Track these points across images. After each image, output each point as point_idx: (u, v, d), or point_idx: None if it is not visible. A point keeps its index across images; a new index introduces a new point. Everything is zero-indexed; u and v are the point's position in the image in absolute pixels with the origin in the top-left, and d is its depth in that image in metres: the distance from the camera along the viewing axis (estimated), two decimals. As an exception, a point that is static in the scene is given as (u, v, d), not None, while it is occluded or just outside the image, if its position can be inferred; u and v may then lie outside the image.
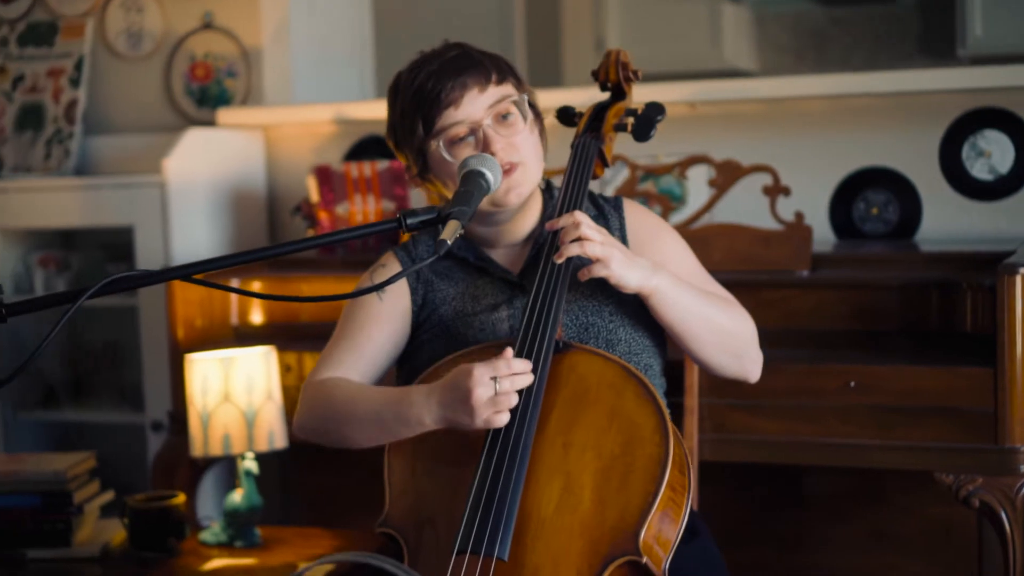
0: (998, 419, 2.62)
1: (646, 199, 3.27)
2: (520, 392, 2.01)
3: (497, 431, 2.01)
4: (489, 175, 2.09)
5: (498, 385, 1.98)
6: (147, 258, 3.72)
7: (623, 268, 2.10)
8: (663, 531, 2.02)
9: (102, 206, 3.87)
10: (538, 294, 2.12)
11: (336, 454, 2.34)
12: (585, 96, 2.87)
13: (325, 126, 4.00)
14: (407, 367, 2.30)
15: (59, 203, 3.93)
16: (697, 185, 3.41)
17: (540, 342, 2.07)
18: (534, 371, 2.04)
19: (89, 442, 4.12)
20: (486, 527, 1.95)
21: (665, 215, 3.18)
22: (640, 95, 2.49)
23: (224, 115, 4.01)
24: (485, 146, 2.17)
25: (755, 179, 3.13)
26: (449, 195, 2.22)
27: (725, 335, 2.23)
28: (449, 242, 1.91)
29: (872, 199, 3.42)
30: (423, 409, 2.04)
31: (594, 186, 3.48)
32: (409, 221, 1.95)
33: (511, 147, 2.18)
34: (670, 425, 2.04)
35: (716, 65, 6.00)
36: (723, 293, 2.33)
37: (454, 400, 2.00)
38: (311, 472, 3.71)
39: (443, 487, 2.08)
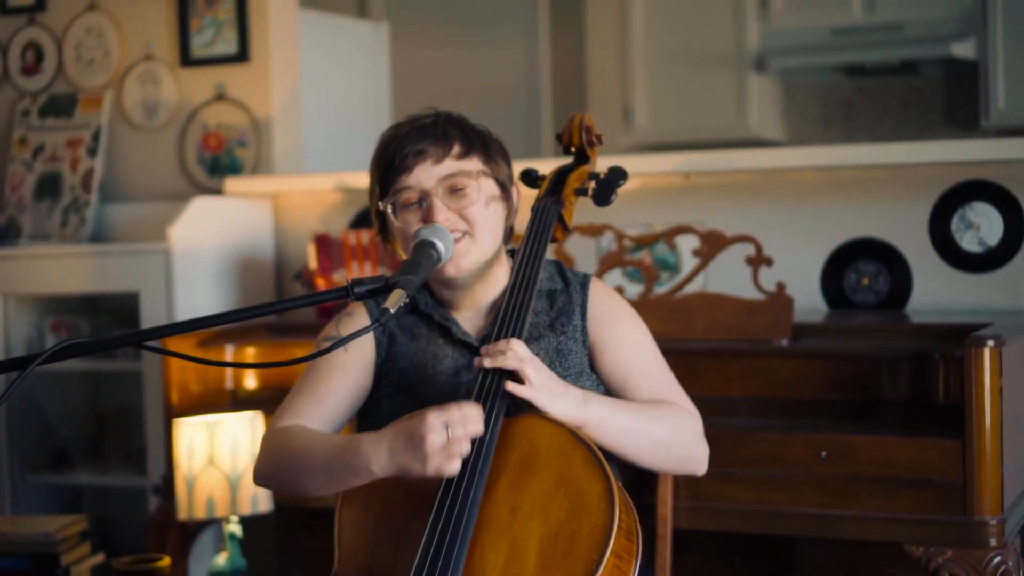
0: (967, 491, 2.61)
1: (638, 268, 3.30)
2: (472, 443, 2.03)
3: (445, 495, 2.03)
4: (440, 246, 2.14)
5: (450, 431, 2.00)
6: (152, 323, 3.80)
7: (551, 402, 2.10)
8: (608, 598, 2.03)
9: (110, 272, 3.96)
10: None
11: (331, 516, 2.36)
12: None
13: (330, 195, 4.08)
14: (366, 422, 2.33)
15: (70, 270, 4.02)
16: (691, 255, 3.44)
17: (491, 405, 2.09)
18: (484, 433, 2.06)
19: (95, 505, 4.18)
20: (430, 593, 1.97)
21: (651, 283, 3.20)
22: (634, 164, 2.49)
23: (231, 184, 4.10)
24: (428, 215, 2.21)
25: (748, 248, 3.15)
26: (404, 256, 2.26)
27: (665, 446, 2.24)
28: (392, 311, 1.96)
29: (863, 270, 3.44)
30: (371, 457, 2.06)
31: (586, 249, 3.53)
32: (356, 290, 2.00)
33: (458, 219, 2.22)
34: (617, 492, 2.05)
35: (742, 134, 6.03)
36: (672, 391, 2.32)
37: (406, 447, 2.01)
38: (306, 534, 3.75)
39: (391, 548, 2.10)
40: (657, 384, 2.32)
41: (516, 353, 2.09)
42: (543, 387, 2.10)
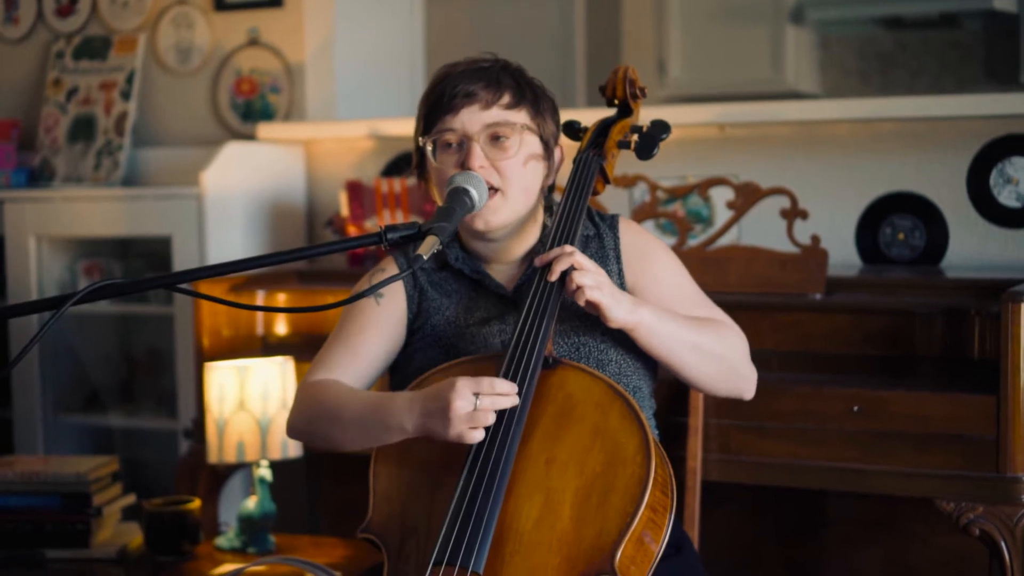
0: (1000, 447, 2.60)
1: (671, 220, 3.29)
2: (502, 412, 2.03)
3: (480, 447, 2.03)
4: (474, 193, 2.13)
5: (478, 402, 2.01)
6: (183, 268, 3.80)
7: (614, 307, 2.12)
8: (642, 551, 2.03)
9: (143, 216, 3.96)
10: (530, 311, 2.13)
11: (361, 464, 2.37)
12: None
13: (363, 142, 4.07)
14: (398, 375, 2.33)
15: (103, 213, 4.03)
16: (724, 207, 3.42)
17: (528, 358, 2.09)
18: (520, 386, 2.06)
19: (126, 446, 4.22)
20: (463, 540, 1.97)
21: (684, 235, 3.19)
22: (669, 116, 2.47)
23: (263, 130, 4.09)
24: (465, 160, 2.20)
25: (783, 201, 3.13)
26: (438, 199, 2.25)
27: (713, 359, 2.25)
28: (425, 257, 1.95)
29: (898, 224, 3.41)
30: (404, 415, 2.08)
31: (619, 199, 3.51)
32: (390, 236, 2.00)
33: (493, 170, 2.21)
34: (653, 446, 2.05)
35: (778, 88, 5.97)
36: (716, 314, 2.33)
37: (434, 409, 2.03)
38: (335, 480, 3.77)
39: (426, 496, 2.11)
40: (700, 311, 2.32)
41: (575, 257, 2.11)
42: (607, 289, 2.11)
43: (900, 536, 3.15)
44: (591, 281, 2.10)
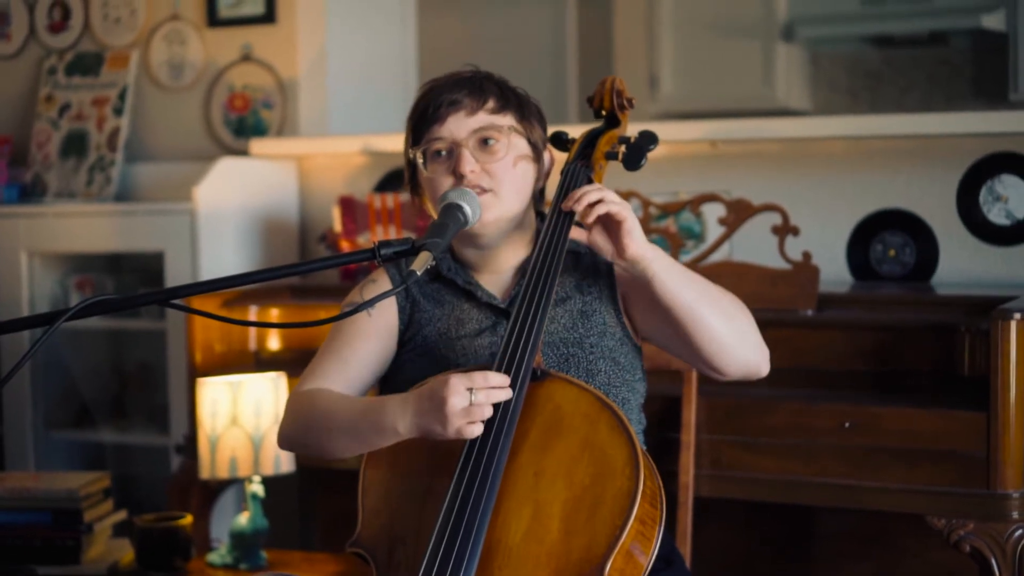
0: (990, 464, 2.61)
1: (663, 237, 3.30)
2: (496, 407, 2.02)
3: (469, 458, 2.03)
4: (467, 208, 2.14)
5: (473, 396, 1.99)
6: (176, 283, 3.80)
7: (639, 230, 2.11)
8: (631, 564, 2.03)
9: (136, 232, 3.97)
10: (518, 320, 2.13)
11: (353, 479, 2.37)
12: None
13: (356, 157, 4.08)
14: (389, 385, 2.33)
15: (95, 228, 4.04)
16: (716, 223, 3.43)
17: (518, 368, 2.08)
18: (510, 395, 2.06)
19: (118, 462, 4.21)
20: (451, 555, 1.97)
21: (676, 251, 3.20)
22: (661, 132, 2.48)
23: (256, 145, 4.10)
24: (456, 166, 2.21)
25: (774, 218, 3.14)
26: (432, 211, 2.26)
27: (724, 315, 2.19)
28: (419, 272, 1.96)
29: (889, 241, 3.42)
30: (397, 417, 2.06)
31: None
32: (383, 252, 2.00)
33: (484, 173, 2.22)
34: (642, 458, 2.05)
35: (769, 104, 5.98)
36: None
37: (429, 408, 2.01)
38: (328, 495, 3.77)
39: (415, 509, 2.11)
40: None
41: (603, 193, 2.09)
42: (630, 215, 2.10)
43: (892, 551, 3.15)
44: (613, 198, 2.10)
